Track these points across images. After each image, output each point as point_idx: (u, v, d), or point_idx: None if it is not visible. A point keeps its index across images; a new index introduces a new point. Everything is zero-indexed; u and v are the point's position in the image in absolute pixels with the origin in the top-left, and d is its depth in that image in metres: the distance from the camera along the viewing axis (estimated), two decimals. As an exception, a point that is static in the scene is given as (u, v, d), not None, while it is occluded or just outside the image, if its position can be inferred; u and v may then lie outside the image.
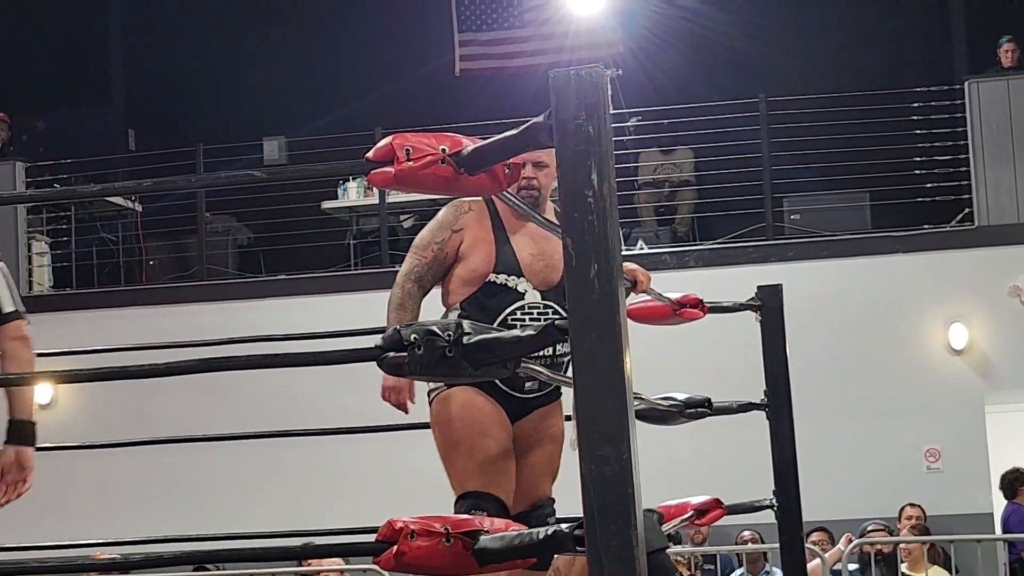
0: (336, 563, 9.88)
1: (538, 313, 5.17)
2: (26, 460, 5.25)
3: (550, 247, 5.21)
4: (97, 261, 13.30)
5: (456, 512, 4.94)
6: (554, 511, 5.16)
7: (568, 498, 4.20)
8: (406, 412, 5.30)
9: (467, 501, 5.02)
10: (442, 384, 5.08)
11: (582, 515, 2.54)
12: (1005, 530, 10.32)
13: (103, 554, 7.00)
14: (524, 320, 5.14)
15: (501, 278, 5.20)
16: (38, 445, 5.39)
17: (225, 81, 15.14)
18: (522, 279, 5.19)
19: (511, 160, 2.90)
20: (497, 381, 5.03)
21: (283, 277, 12.72)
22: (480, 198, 5.19)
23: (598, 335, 2.50)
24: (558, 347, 4.93)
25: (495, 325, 4.96)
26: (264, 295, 12.31)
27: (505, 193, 3.03)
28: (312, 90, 14.98)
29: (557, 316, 5.09)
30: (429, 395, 5.21)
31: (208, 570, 10.17)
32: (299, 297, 11.84)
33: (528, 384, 5.12)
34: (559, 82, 2.58)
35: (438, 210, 5.18)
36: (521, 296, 5.17)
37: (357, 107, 13.96)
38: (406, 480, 11.23)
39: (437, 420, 5.21)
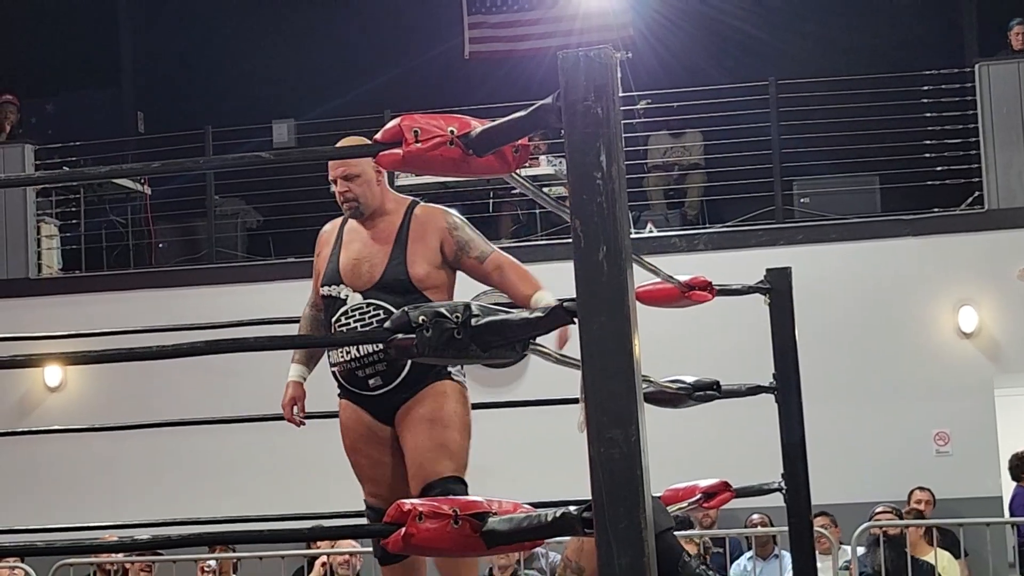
0: (345, 545, 9.90)
1: (361, 314, 5.32)
2: None
3: (375, 250, 5.39)
4: (106, 244, 13.30)
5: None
6: (453, 490, 5.22)
7: (576, 481, 4.20)
8: (298, 426, 5.59)
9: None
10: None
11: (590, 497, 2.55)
12: (1012, 513, 10.32)
13: (112, 536, 7.02)
14: (349, 324, 5.31)
15: (326, 290, 5.41)
16: (49, 428, 5.62)
17: (234, 64, 15.13)
18: (343, 286, 5.37)
19: (520, 141, 2.90)
20: (349, 386, 5.35)
21: (292, 260, 12.71)
22: (340, 219, 5.53)
23: (606, 317, 2.49)
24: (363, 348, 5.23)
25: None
26: (273, 278, 12.31)
27: (515, 174, 3.02)
28: (321, 73, 14.96)
29: (382, 312, 5.24)
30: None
31: (223, 549, 10.18)
32: (308, 280, 11.82)
33: (371, 382, 5.29)
34: (568, 63, 2.57)
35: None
36: (344, 302, 5.34)
37: (366, 90, 13.95)
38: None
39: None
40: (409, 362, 5.20)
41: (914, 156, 12.13)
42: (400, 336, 2.77)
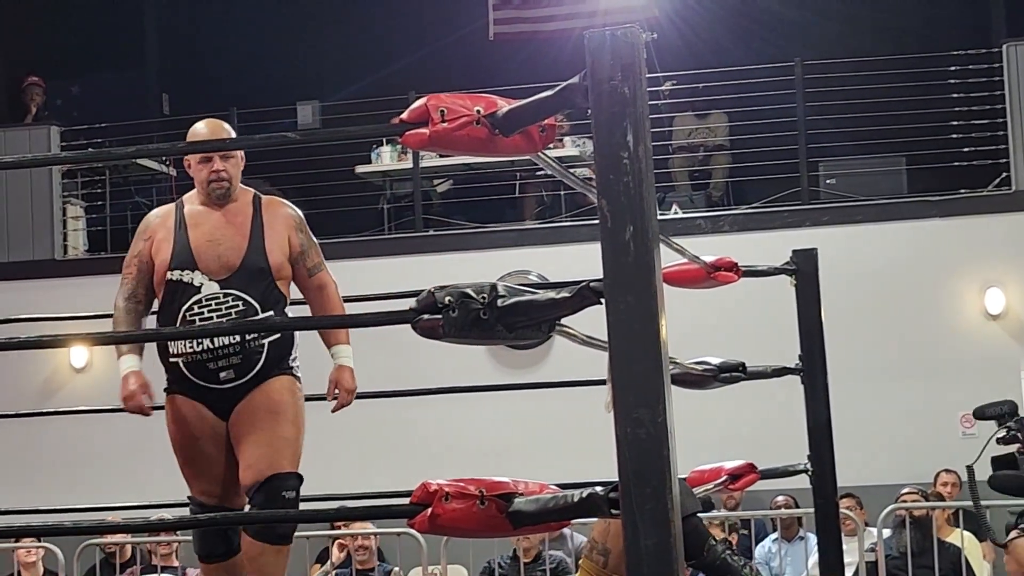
0: (369, 526, 9.90)
1: (218, 304, 5.20)
2: None
3: (231, 232, 5.27)
4: (131, 225, 13.27)
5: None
6: (293, 486, 5.22)
7: (601, 462, 4.20)
8: (147, 415, 5.38)
9: (191, 503, 5.42)
10: (164, 387, 5.31)
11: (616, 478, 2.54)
12: (1036, 495, 10.27)
13: (137, 516, 7.04)
14: (203, 314, 5.18)
15: (176, 274, 5.21)
16: (74, 409, 5.86)
17: (259, 45, 15.13)
18: (196, 272, 5.20)
19: (546, 121, 2.88)
20: (193, 378, 5.21)
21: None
22: (171, 205, 5.40)
23: (634, 297, 2.48)
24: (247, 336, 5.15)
25: (178, 322, 5.19)
26: (298, 259, 12.30)
27: (541, 154, 3.01)
28: (346, 54, 14.96)
29: (240, 305, 5.19)
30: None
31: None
32: (332, 261, 11.74)
33: (223, 375, 5.18)
34: (595, 43, 2.56)
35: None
36: (197, 290, 5.19)
37: (391, 71, 13.95)
38: (437, 443, 11.27)
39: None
40: (264, 355, 5.18)
41: (941, 137, 12.08)
42: (426, 317, 2.76)
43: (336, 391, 5.48)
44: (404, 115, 2.91)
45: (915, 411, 11.16)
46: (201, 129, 5.41)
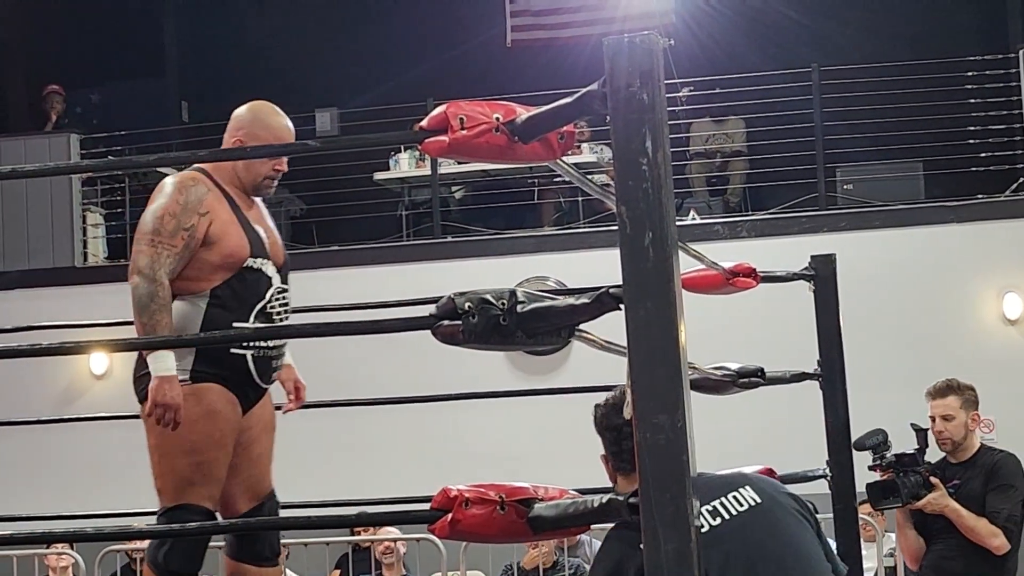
0: (389, 532, 9.92)
1: (284, 296, 5.02)
2: None
3: (269, 224, 5.13)
4: (150, 233, 13.35)
5: (160, 522, 4.89)
6: (278, 503, 5.11)
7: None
8: (174, 429, 4.79)
9: (178, 512, 4.83)
10: (186, 377, 4.80)
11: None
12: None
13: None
14: (276, 308, 4.96)
15: (258, 262, 4.93)
16: (97, 415, 5.67)
17: (277, 53, 15.18)
18: (268, 261, 4.99)
19: (565, 128, 2.90)
20: (255, 374, 4.89)
21: (335, 248, 12.76)
22: (203, 176, 4.97)
23: (653, 303, 2.49)
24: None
25: (255, 312, 4.87)
26: (317, 266, 12.34)
27: (560, 161, 3.02)
28: (364, 62, 15.00)
29: (287, 296, 5.03)
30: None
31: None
32: (351, 268, 11.88)
33: (274, 375, 5.00)
34: (613, 49, 2.57)
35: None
36: (270, 280, 4.97)
37: (409, 78, 13.98)
38: (456, 449, 11.28)
39: (156, 423, 4.81)
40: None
41: (958, 142, 12.08)
42: (446, 323, 2.78)
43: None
44: (424, 123, 2.93)
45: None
46: (282, 119, 5.25)
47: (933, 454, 6.77)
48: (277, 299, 4.93)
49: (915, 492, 6.44)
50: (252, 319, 4.86)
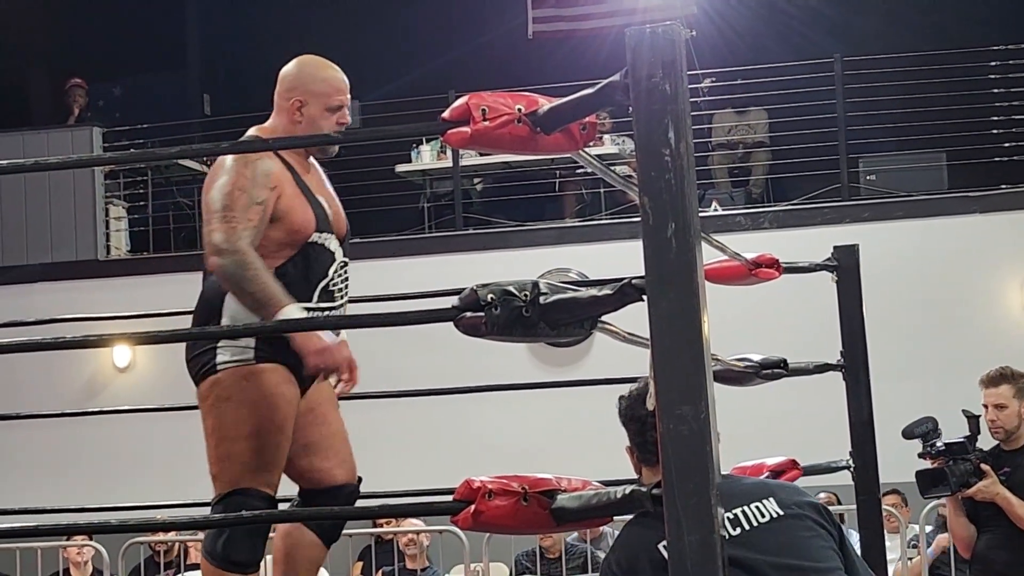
0: (412, 524, 9.94)
1: (345, 271, 4.75)
2: None
3: (330, 192, 4.83)
4: (173, 225, 13.41)
5: (216, 510, 4.53)
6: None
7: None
8: (350, 381, 4.50)
9: (237, 498, 4.48)
10: (249, 356, 4.52)
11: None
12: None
13: (181, 515, 7.06)
14: (338, 282, 4.69)
15: (323, 237, 4.65)
16: (119, 408, 5.50)
17: (299, 46, 15.12)
18: (331, 236, 4.70)
19: (587, 119, 2.89)
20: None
21: (357, 240, 12.76)
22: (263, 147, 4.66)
23: (676, 294, 2.49)
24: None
25: (318, 291, 4.59)
26: (338, 258, 12.36)
27: (582, 152, 3.02)
28: (385, 54, 15.00)
29: (347, 272, 4.76)
30: (215, 367, 4.58)
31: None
32: (373, 260, 11.87)
33: None
34: (635, 39, 2.56)
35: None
36: (333, 255, 4.69)
37: (430, 70, 13.98)
38: (479, 440, 11.28)
39: (228, 396, 4.54)
40: None
41: (981, 132, 12.04)
42: (469, 314, 2.77)
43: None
44: (446, 114, 2.93)
45: (956, 407, 11.08)
46: (334, 70, 4.92)
47: (986, 441, 6.72)
48: (339, 275, 4.68)
49: (965, 480, 6.40)
50: (315, 298, 4.58)
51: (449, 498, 2.82)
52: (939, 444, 6.44)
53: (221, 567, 4.47)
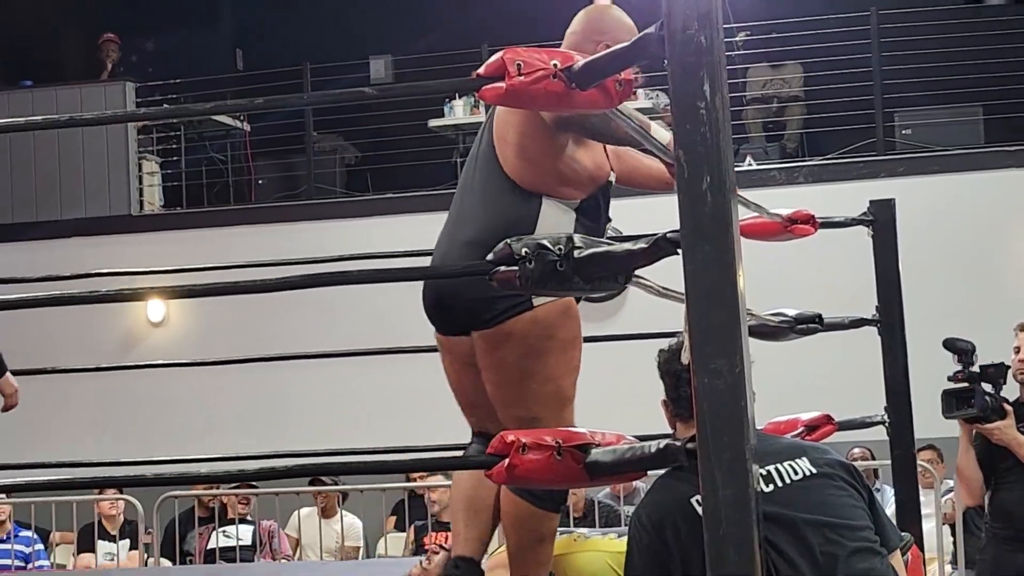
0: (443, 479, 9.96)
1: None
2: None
3: None
4: (206, 180, 13.43)
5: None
6: None
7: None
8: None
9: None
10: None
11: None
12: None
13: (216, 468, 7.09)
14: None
15: (612, 176, 4.50)
16: (153, 362, 5.53)
17: (331, 1, 15.15)
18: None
19: (623, 75, 2.88)
20: None
21: (390, 196, 12.77)
22: None
23: (711, 247, 2.48)
24: None
25: (604, 233, 4.42)
26: (371, 213, 12.38)
27: (619, 110, 3.00)
28: (418, 8, 14.96)
29: None
30: (532, 304, 4.28)
31: (324, 483, 10.29)
32: (406, 215, 11.88)
33: None
34: (671, -8, 2.55)
35: None
36: (609, 201, 4.55)
37: (464, 25, 13.92)
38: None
39: (551, 335, 4.33)
40: None
41: (1018, 86, 11.94)
42: (503, 268, 2.77)
43: None
44: (481, 69, 2.91)
45: (993, 360, 11.06)
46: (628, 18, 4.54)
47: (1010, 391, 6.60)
48: (610, 219, 4.55)
49: (992, 408, 6.22)
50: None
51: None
52: (974, 367, 6.24)
53: (538, 505, 4.28)
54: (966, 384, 6.16)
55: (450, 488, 4.74)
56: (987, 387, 6.24)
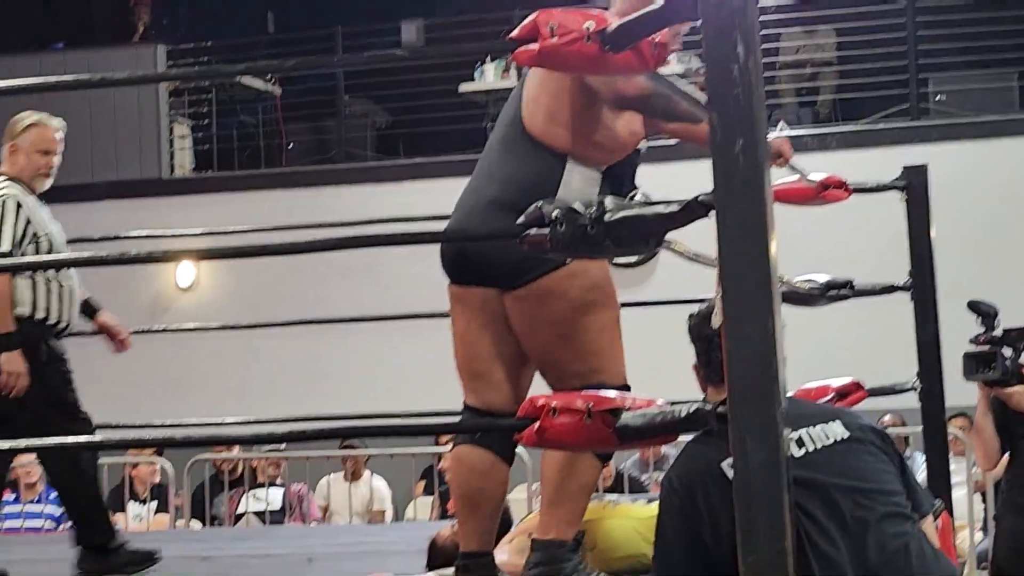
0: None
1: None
2: None
3: None
4: (237, 144, 13.43)
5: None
6: None
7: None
8: None
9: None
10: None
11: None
12: None
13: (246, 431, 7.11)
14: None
15: (642, 144, 4.44)
16: (183, 326, 5.56)
17: (362, -36, 15.11)
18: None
19: (658, 38, 2.85)
20: None
21: (420, 160, 12.75)
22: None
23: (744, 210, 2.46)
24: None
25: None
26: (402, 178, 12.35)
27: (656, 74, 2.97)
28: (449, -28, 14.91)
29: None
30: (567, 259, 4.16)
31: (353, 448, 10.31)
32: (437, 180, 11.85)
33: None
34: (704, -47, 2.52)
35: None
36: (636, 169, 4.50)
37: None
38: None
39: (591, 286, 4.31)
40: None
41: (1054, 51, 11.87)
42: (534, 231, 2.76)
43: None
44: (515, 32, 2.89)
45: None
46: None
47: None
48: (636, 187, 4.48)
49: (1013, 372, 6.10)
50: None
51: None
52: (997, 331, 6.11)
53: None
54: (988, 347, 6.05)
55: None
56: (1008, 351, 6.13)
